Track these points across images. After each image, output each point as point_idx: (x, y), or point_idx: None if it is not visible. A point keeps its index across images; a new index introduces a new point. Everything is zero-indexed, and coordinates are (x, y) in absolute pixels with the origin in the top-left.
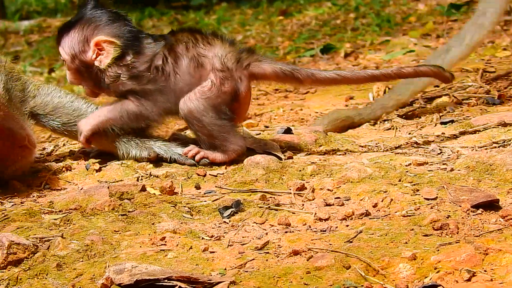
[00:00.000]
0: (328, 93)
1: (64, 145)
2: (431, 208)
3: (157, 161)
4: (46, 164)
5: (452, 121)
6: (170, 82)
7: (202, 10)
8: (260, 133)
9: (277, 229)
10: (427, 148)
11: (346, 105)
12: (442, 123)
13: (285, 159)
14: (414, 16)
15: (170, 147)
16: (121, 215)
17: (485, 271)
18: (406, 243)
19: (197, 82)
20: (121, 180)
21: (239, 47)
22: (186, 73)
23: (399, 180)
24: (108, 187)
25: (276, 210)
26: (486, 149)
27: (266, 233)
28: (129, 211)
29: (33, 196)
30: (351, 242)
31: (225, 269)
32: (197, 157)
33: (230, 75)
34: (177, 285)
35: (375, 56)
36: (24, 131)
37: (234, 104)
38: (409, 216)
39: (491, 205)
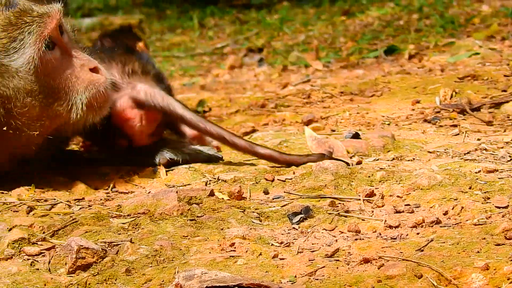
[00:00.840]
0: (394, 96)
1: None
2: (503, 216)
3: (170, 165)
4: (113, 166)
5: None
6: None
7: (264, 10)
8: (327, 137)
9: (347, 236)
10: (497, 154)
11: (413, 109)
12: None
13: (353, 165)
14: (478, 18)
15: (181, 148)
16: (190, 220)
17: None
18: (478, 252)
19: None
20: (189, 184)
21: None
22: None
23: (470, 188)
24: (177, 192)
25: (346, 216)
26: None
27: (336, 240)
28: (197, 216)
29: (101, 199)
30: (422, 250)
31: (295, 276)
32: None
33: None
34: None
35: (440, 58)
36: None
37: None
38: (481, 224)
39: None
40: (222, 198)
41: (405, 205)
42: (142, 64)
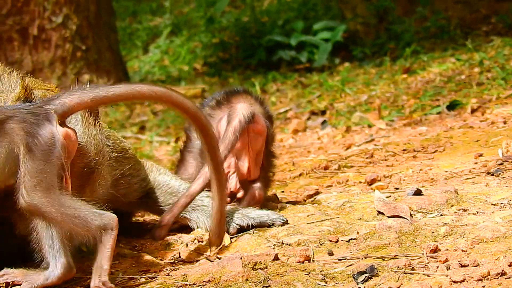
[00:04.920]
0: (457, 151)
1: None
2: None
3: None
4: (176, 236)
5: None
6: None
7: (325, 72)
8: (390, 195)
9: None
10: None
11: (476, 163)
12: None
13: (416, 222)
14: None
15: (246, 213)
16: (255, 285)
17: None
18: None
19: None
20: (253, 250)
21: None
22: None
23: None
24: (241, 258)
25: (411, 274)
26: None
27: None
28: (263, 281)
29: (166, 270)
30: None
31: None
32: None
33: None
34: None
35: (503, 111)
36: None
37: None
38: None
39: None
40: (287, 262)
41: (470, 259)
42: None
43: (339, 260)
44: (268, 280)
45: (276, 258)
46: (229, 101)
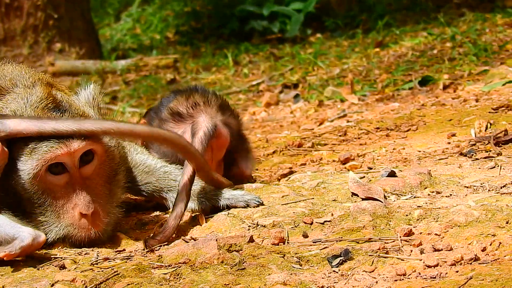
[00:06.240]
0: (430, 130)
1: None
2: None
3: (209, 212)
4: (152, 215)
5: None
6: None
7: (298, 44)
8: (364, 176)
9: (387, 277)
10: None
11: (448, 143)
12: None
13: (390, 204)
14: (511, 44)
15: (221, 194)
16: (231, 267)
17: None
18: None
19: None
20: (228, 231)
21: None
22: None
23: (507, 223)
24: (216, 240)
25: (385, 257)
26: None
27: (376, 282)
28: (238, 264)
29: (142, 250)
30: None
31: None
32: None
33: None
34: None
35: (474, 88)
36: (96, 204)
37: None
38: None
39: None
40: (262, 244)
41: (444, 243)
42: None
43: (313, 242)
44: (243, 263)
45: (251, 240)
46: (191, 114)
